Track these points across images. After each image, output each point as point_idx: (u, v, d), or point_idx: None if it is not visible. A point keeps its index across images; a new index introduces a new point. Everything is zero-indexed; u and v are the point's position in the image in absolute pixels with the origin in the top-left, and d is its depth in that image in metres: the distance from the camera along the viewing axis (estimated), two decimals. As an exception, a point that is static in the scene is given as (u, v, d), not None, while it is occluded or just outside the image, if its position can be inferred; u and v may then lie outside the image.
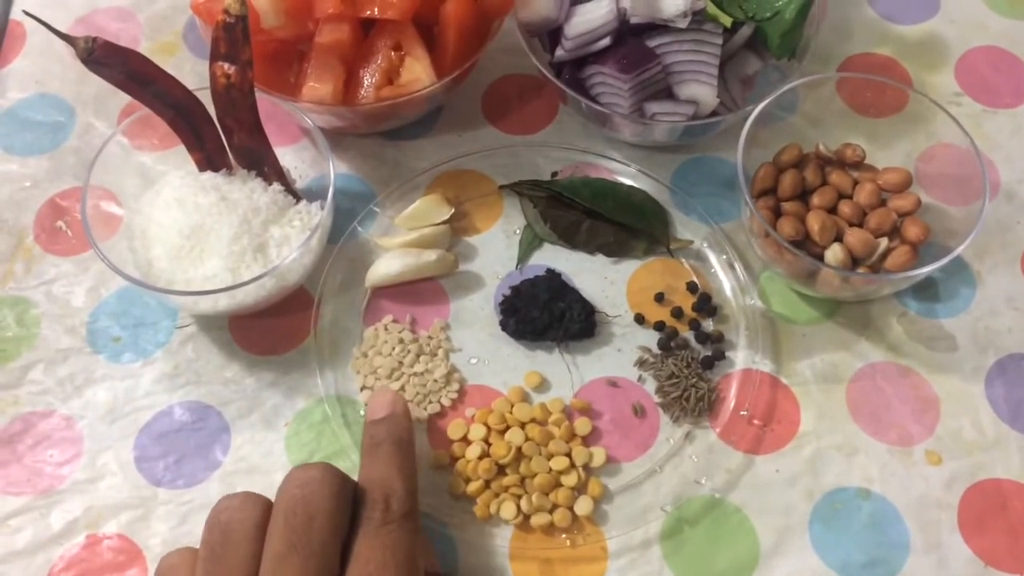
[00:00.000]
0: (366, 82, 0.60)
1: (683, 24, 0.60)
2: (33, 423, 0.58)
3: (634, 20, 0.61)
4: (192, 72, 0.72)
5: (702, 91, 0.61)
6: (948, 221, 0.61)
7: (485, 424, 0.58)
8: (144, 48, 0.73)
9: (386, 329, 0.61)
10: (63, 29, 0.55)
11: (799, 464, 0.57)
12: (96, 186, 0.59)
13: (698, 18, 0.61)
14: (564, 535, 0.55)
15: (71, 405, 0.59)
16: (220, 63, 0.56)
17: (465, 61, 0.62)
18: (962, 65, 0.73)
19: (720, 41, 0.61)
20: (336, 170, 0.66)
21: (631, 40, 0.61)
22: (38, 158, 0.68)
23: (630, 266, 0.64)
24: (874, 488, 0.56)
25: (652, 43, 0.61)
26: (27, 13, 0.56)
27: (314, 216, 0.59)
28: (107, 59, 0.54)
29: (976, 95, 0.71)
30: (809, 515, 0.55)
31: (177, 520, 0.55)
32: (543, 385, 0.60)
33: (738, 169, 0.58)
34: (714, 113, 0.63)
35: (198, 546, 0.43)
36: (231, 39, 0.56)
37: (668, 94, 0.63)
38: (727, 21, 0.61)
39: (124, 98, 0.58)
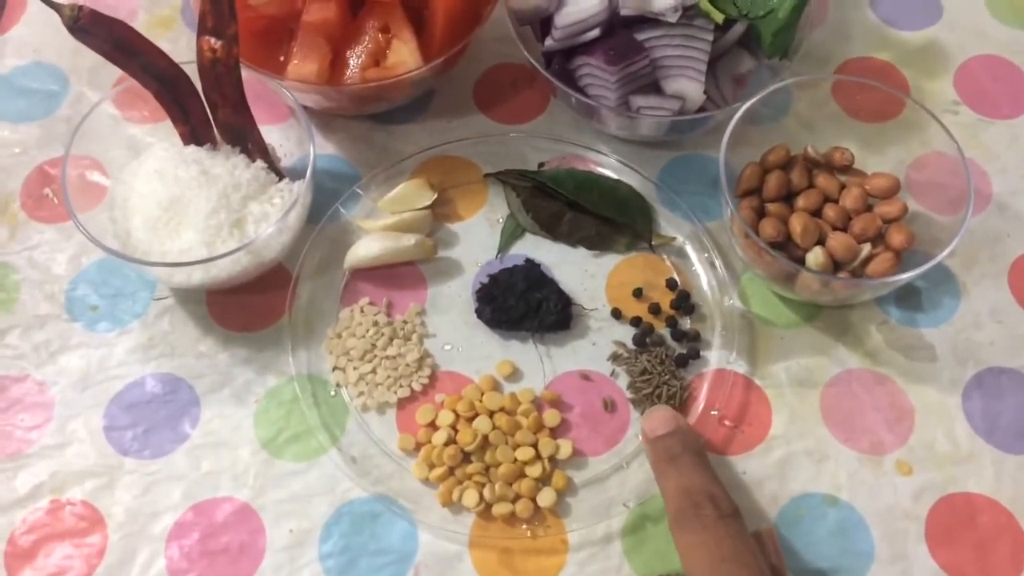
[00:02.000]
0: (352, 63, 0.60)
1: (673, 18, 0.59)
2: (6, 387, 0.59)
3: (624, 12, 0.60)
4: (188, 47, 0.72)
5: (689, 87, 0.61)
6: (936, 230, 0.60)
7: (454, 411, 0.57)
8: (141, 21, 0.74)
9: (362, 311, 0.61)
10: (66, 0, 0.55)
11: (767, 467, 0.56)
12: (83, 155, 0.59)
13: (690, 13, 0.60)
14: (525, 526, 0.55)
15: (45, 371, 0.59)
16: (206, 37, 0.57)
17: (453, 46, 0.62)
18: (961, 73, 0.72)
19: (710, 37, 0.60)
20: (323, 151, 0.67)
21: (620, 32, 0.61)
22: (29, 125, 0.69)
23: (611, 260, 0.64)
24: (842, 495, 0.55)
25: (642, 36, 0.61)
26: (15, -22, 0.56)
27: (295, 194, 0.59)
28: (92, 27, 0.55)
29: (974, 104, 0.70)
30: (774, 519, 0.54)
31: (141, 490, 0.55)
32: (515, 375, 0.60)
33: (720, 167, 0.57)
34: (701, 109, 0.62)
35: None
36: (217, 13, 0.56)
37: (655, 88, 0.62)
38: (719, 17, 0.60)
39: (119, 69, 0.58)
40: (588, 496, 0.56)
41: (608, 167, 0.67)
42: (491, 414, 0.58)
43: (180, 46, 0.72)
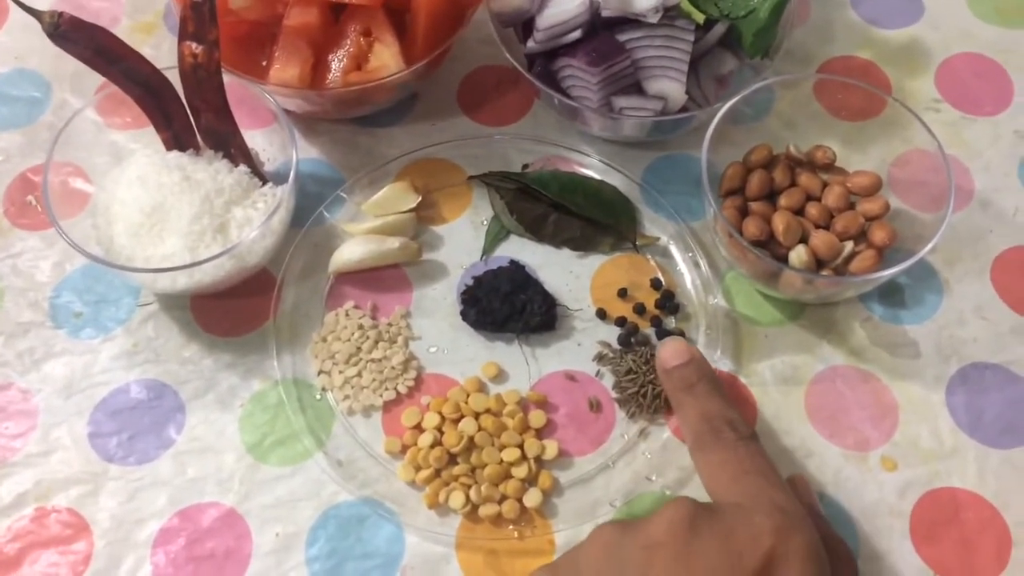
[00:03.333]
0: (334, 67, 0.60)
1: (655, 19, 0.60)
2: (-11, 395, 0.59)
3: (606, 13, 0.60)
4: (170, 52, 0.71)
5: (671, 87, 0.61)
6: (919, 227, 0.60)
7: (439, 413, 0.57)
8: (124, 27, 0.74)
9: (347, 315, 0.61)
10: (45, 7, 0.55)
11: (752, 465, 0.56)
12: (66, 162, 0.59)
13: (671, 14, 0.60)
14: (512, 527, 0.55)
15: (29, 378, 0.59)
16: (188, 42, 0.57)
17: (435, 49, 0.62)
18: (943, 71, 0.72)
19: (691, 38, 0.61)
20: (307, 155, 0.67)
21: (602, 33, 0.61)
22: (12, 132, 0.69)
23: (595, 261, 0.64)
24: (827, 492, 0.55)
25: (623, 37, 0.61)
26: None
27: (278, 198, 0.59)
28: (73, 34, 0.55)
29: (956, 102, 0.71)
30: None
31: (126, 496, 0.55)
32: (500, 376, 0.60)
33: (702, 166, 0.57)
34: (684, 109, 0.62)
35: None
36: (199, 18, 0.56)
37: (637, 89, 0.62)
38: (699, 18, 0.60)
39: (102, 76, 0.58)
40: (574, 496, 0.56)
41: (592, 168, 0.67)
42: (477, 415, 0.58)
43: (163, 51, 0.72)
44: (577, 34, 0.61)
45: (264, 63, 0.62)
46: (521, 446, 0.57)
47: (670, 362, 0.53)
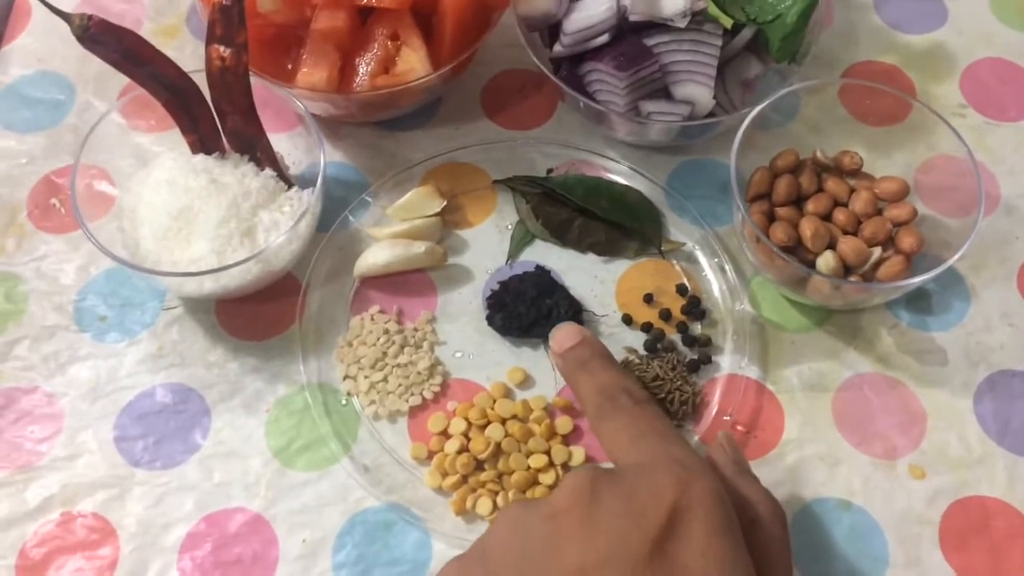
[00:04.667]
0: (361, 70, 0.60)
1: (682, 24, 0.59)
2: (15, 398, 0.58)
3: (633, 18, 0.60)
4: (193, 55, 0.72)
5: (699, 92, 0.61)
6: (945, 233, 0.60)
7: (466, 419, 0.57)
8: (146, 30, 0.73)
9: (372, 319, 0.61)
10: (69, 8, 0.55)
11: (781, 472, 0.56)
12: (90, 165, 0.59)
13: (698, 18, 0.60)
14: (539, 533, 0.54)
15: (54, 382, 0.59)
16: (215, 46, 0.56)
17: (462, 53, 0.61)
18: (967, 76, 0.72)
19: (719, 42, 0.60)
20: (331, 159, 0.67)
21: (629, 38, 0.61)
22: (36, 135, 0.69)
23: (621, 266, 0.63)
24: (855, 500, 0.55)
25: (651, 42, 0.61)
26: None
27: (305, 203, 0.59)
28: (102, 37, 0.54)
29: (981, 107, 0.70)
30: (789, 525, 0.54)
31: (153, 501, 0.55)
32: (526, 382, 0.59)
33: (731, 172, 0.57)
34: (711, 114, 0.62)
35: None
36: (227, 21, 0.56)
37: (665, 94, 0.62)
38: (727, 22, 0.60)
39: (125, 78, 0.58)
40: (602, 503, 0.55)
41: (617, 173, 0.67)
42: (503, 421, 0.57)
43: (185, 54, 0.72)
44: (604, 38, 0.61)
45: (290, 66, 0.62)
46: (548, 452, 0.56)
47: (563, 344, 0.53)
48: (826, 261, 0.58)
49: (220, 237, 0.56)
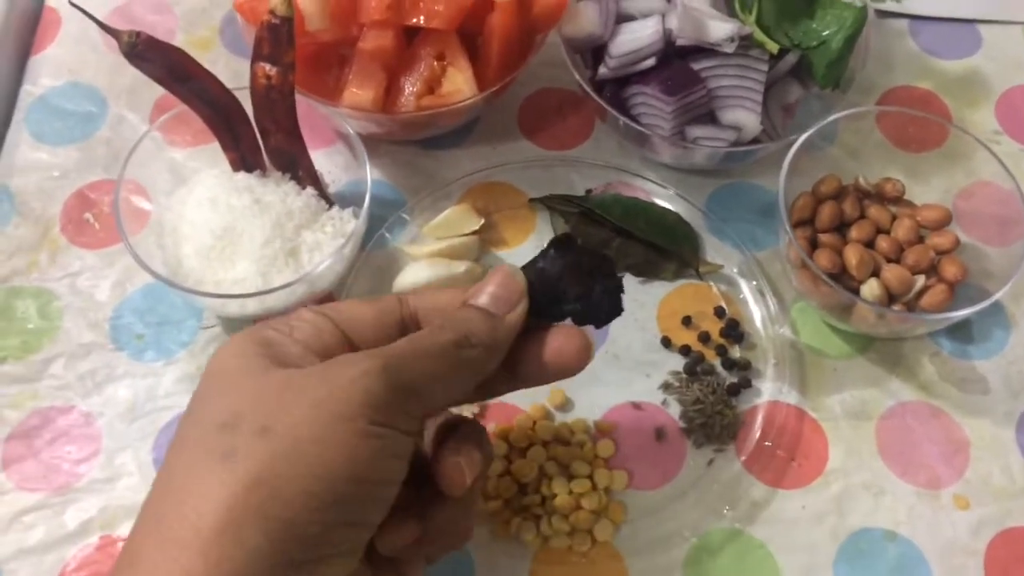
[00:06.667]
0: (407, 90, 0.60)
1: (729, 49, 0.59)
2: (52, 418, 0.57)
3: (680, 42, 0.60)
4: (226, 68, 0.71)
5: (746, 117, 0.61)
6: (985, 261, 0.60)
7: (506, 440, 0.57)
8: (179, 42, 0.72)
9: (412, 340, 0.60)
10: (100, 18, 0.54)
11: (826, 502, 0.56)
12: (127, 180, 0.58)
13: (744, 43, 0.60)
14: (583, 559, 0.54)
15: (91, 401, 0.58)
16: (262, 64, 0.56)
17: (507, 74, 0.61)
18: (1002, 103, 0.72)
19: (766, 68, 0.60)
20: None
21: (676, 62, 0.61)
22: (68, 148, 0.68)
23: (660, 288, 0.63)
24: (900, 531, 0.55)
25: (697, 66, 0.61)
26: (73, 4, 0.55)
27: (347, 223, 0.59)
28: (149, 54, 0.54)
29: (1015, 134, 0.71)
30: (834, 555, 0.54)
31: (193, 524, 0.54)
32: (566, 404, 0.59)
33: (779, 198, 0.57)
34: (755, 140, 0.62)
35: None
36: (275, 40, 0.55)
37: (711, 118, 0.62)
38: (773, 48, 0.60)
39: (158, 90, 0.57)
40: (644, 528, 0.55)
41: (654, 194, 0.66)
42: (545, 444, 0.57)
43: (219, 68, 0.70)
44: (651, 62, 0.61)
45: (332, 83, 0.62)
46: (591, 476, 0.56)
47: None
48: (871, 289, 0.58)
49: (265, 258, 0.55)
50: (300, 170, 0.60)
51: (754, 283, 0.63)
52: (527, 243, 0.65)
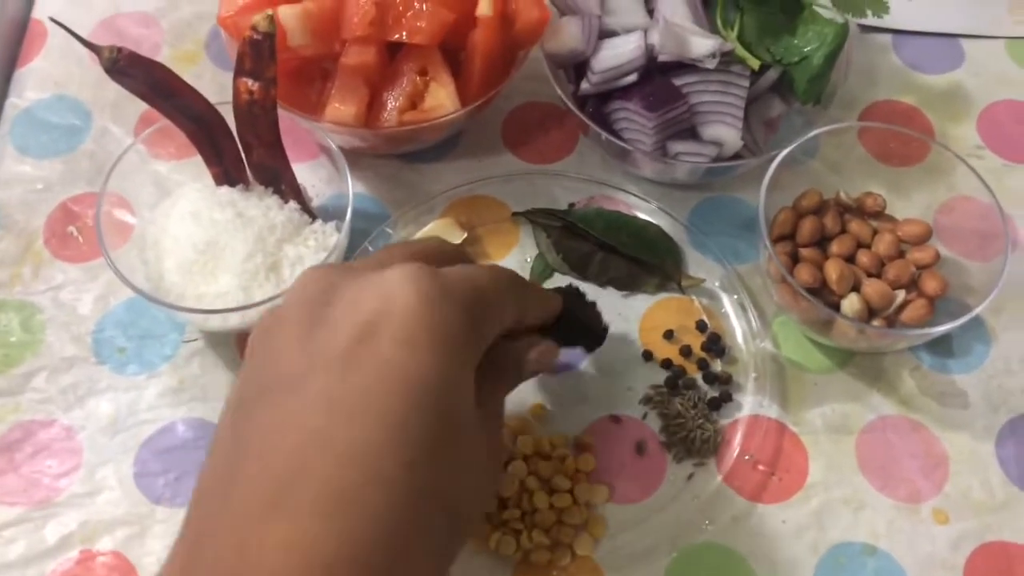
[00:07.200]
0: (389, 105, 0.60)
1: (711, 64, 0.60)
2: (33, 431, 0.57)
3: (662, 58, 0.60)
4: (212, 82, 0.71)
5: (727, 133, 0.61)
6: (965, 275, 0.60)
7: (488, 456, 0.57)
8: (165, 56, 0.73)
9: (394, 354, 0.60)
10: (85, 32, 0.55)
11: (806, 516, 0.56)
12: (110, 193, 0.59)
13: (726, 59, 0.60)
14: (564, 573, 0.54)
15: (72, 415, 0.58)
16: (244, 79, 0.56)
17: (490, 89, 0.61)
18: (985, 118, 0.73)
19: (747, 83, 0.61)
20: (352, 190, 0.66)
21: (658, 78, 0.61)
22: (52, 161, 0.68)
23: (642, 302, 0.63)
24: (880, 545, 0.55)
25: (678, 82, 0.61)
26: (53, 20, 0.55)
27: (330, 236, 0.59)
28: (131, 69, 0.54)
29: (998, 149, 0.71)
30: (814, 569, 0.54)
31: (173, 539, 0.54)
32: (546, 416, 0.59)
33: (759, 213, 0.57)
34: (737, 155, 0.63)
35: None
36: (257, 56, 0.55)
37: (692, 134, 0.62)
38: (755, 64, 0.60)
39: (143, 103, 0.57)
40: (625, 542, 0.55)
41: (637, 208, 0.66)
42: (525, 458, 0.57)
43: (204, 81, 0.71)
44: (633, 77, 0.61)
45: (314, 98, 0.62)
46: (571, 491, 0.56)
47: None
48: (851, 304, 0.58)
49: (247, 272, 0.55)
50: (283, 184, 0.60)
51: (736, 297, 0.63)
52: (510, 256, 0.65)
